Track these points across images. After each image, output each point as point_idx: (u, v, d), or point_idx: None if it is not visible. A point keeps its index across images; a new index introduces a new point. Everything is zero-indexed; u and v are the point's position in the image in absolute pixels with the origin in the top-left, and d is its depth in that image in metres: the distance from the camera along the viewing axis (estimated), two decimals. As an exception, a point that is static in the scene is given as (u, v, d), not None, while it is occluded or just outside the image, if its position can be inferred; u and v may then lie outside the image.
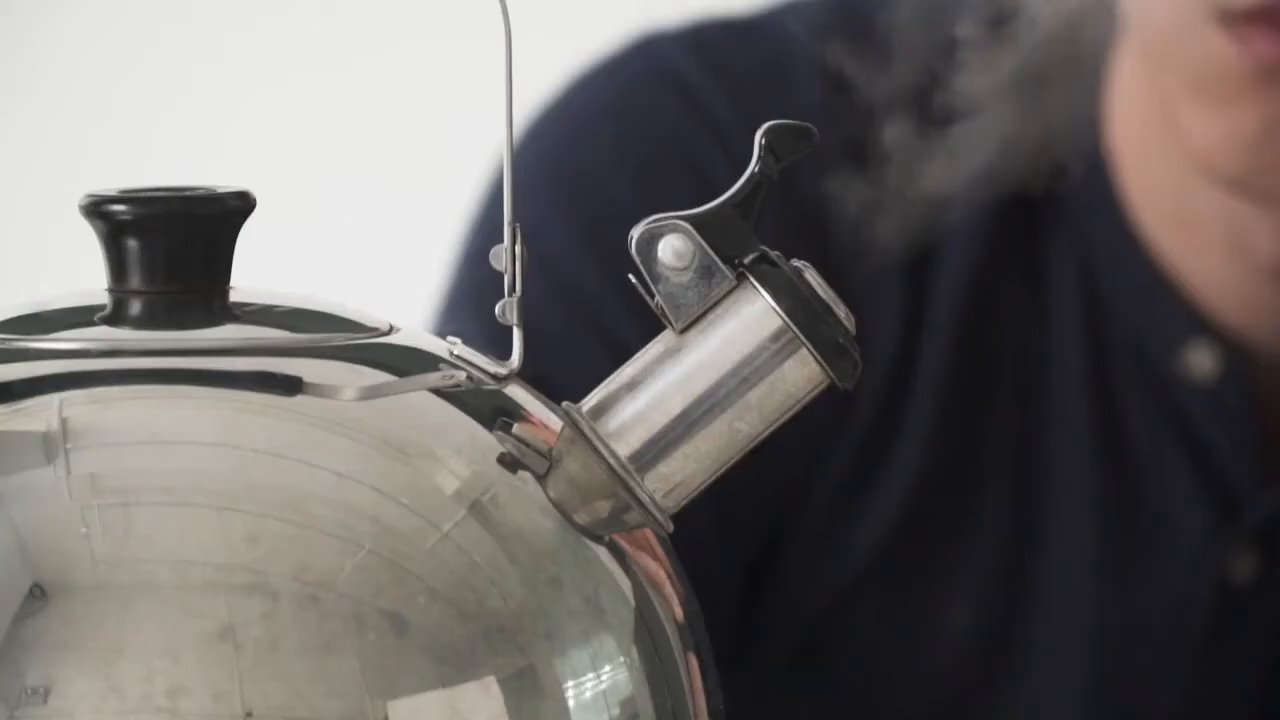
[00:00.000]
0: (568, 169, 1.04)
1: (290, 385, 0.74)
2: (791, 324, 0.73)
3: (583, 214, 0.97)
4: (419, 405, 0.75)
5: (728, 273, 0.73)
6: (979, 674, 1.07)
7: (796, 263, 0.73)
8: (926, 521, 1.07)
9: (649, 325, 0.75)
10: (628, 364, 0.75)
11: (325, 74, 1.88)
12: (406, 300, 0.84)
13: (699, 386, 0.74)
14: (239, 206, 0.76)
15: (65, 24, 1.47)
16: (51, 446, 0.73)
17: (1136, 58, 1.05)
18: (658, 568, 0.75)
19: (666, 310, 0.74)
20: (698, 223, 0.73)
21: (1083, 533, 1.07)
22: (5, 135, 1.80)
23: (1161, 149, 1.05)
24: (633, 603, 0.74)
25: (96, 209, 0.76)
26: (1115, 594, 1.07)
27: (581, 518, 0.74)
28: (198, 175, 0.79)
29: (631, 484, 0.74)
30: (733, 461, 0.75)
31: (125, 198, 0.76)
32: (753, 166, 0.73)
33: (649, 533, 0.75)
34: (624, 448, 0.74)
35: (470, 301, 1.02)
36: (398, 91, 1.62)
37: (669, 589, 0.75)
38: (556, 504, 0.74)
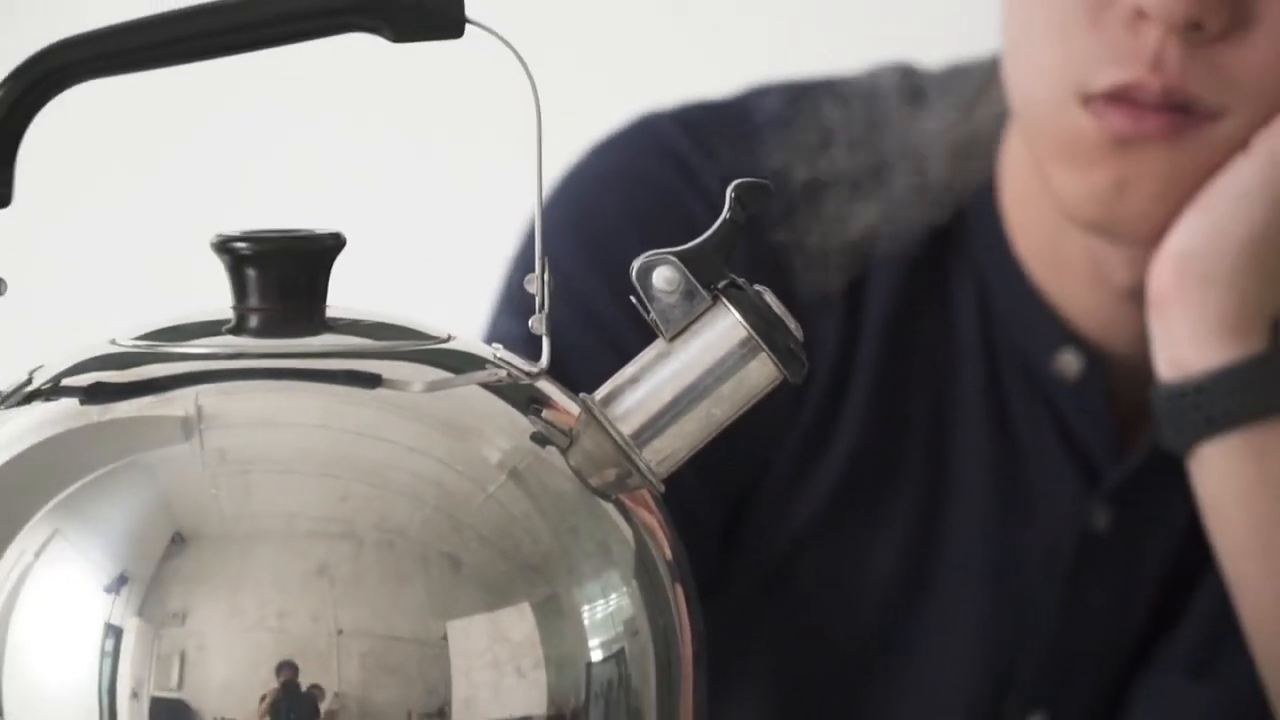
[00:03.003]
0: (586, 219, 1.03)
1: (371, 380, 0.74)
2: (754, 334, 0.73)
3: (597, 253, 0.96)
4: (470, 396, 0.75)
5: (706, 295, 0.73)
6: (899, 604, 1.06)
7: (758, 288, 0.73)
8: (859, 487, 1.06)
9: (646, 335, 0.75)
10: (629, 364, 0.75)
11: (394, 141, 1.87)
12: (461, 315, 0.84)
13: (684, 381, 0.74)
14: (333, 244, 0.76)
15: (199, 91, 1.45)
16: (189, 428, 0.73)
17: (1020, 130, 1.05)
18: (653, 519, 0.75)
19: (659, 323, 0.74)
20: (683, 257, 0.73)
21: (980, 495, 1.06)
22: (139, 185, 1.79)
23: (1038, 200, 1.04)
24: (633, 546, 0.74)
25: (225, 246, 0.76)
26: (1004, 543, 1.06)
27: (594, 481, 0.74)
28: (298, 215, 0.79)
29: (633, 455, 0.74)
30: (710, 438, 0.75)
31: (246, 237, 0.76)
32: (725, 214, 0.73)
33: (646, 492, 0.75)
34: (627, 428, 0.74)
35: (511, 317, 1.02)
36: (454, 156, 1.61)
37: (661, 535, 0.75)
38: (575, 471, 0.74)
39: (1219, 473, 1.00)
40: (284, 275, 0.76)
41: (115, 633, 0.70)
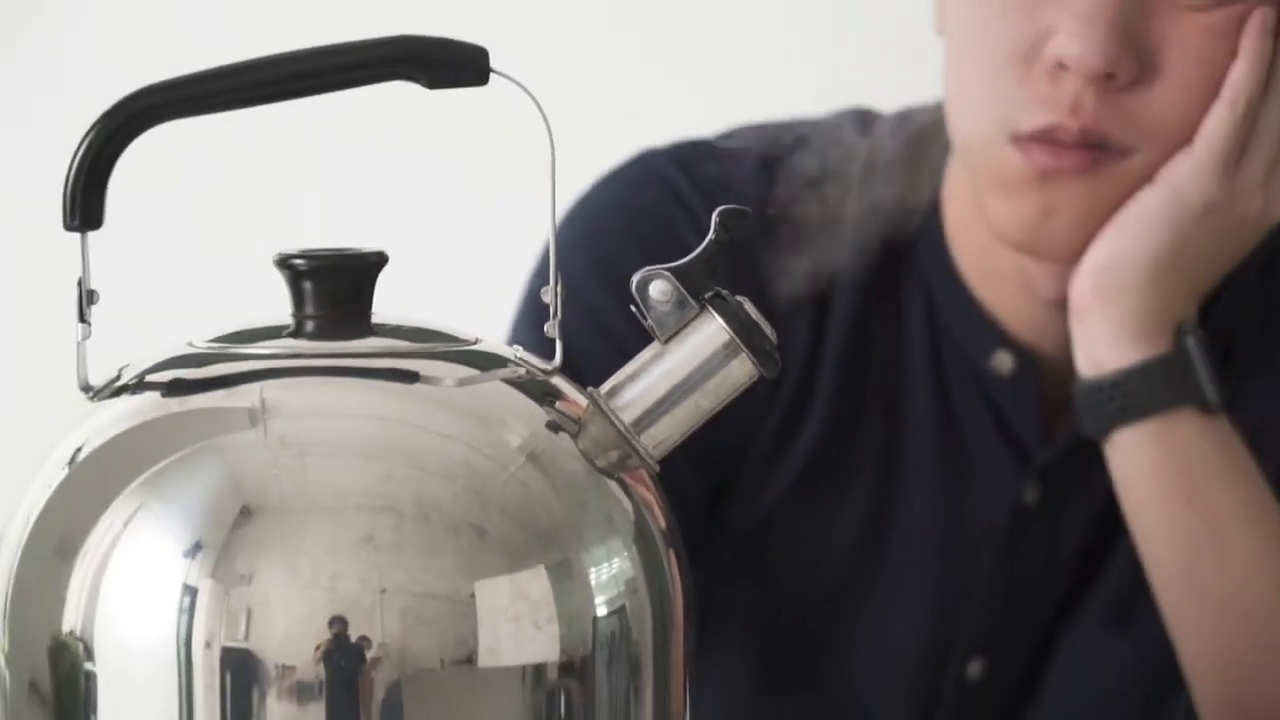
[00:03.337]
0: (594, 240, 1.03)
1: (410, 377, 0.74)
2: (735, 338, 0.73)
3: (603, 269, 0.96)
4: (494, 390, 0.74)
5: (695, 304, 0.73)
6: (858, 566, 1.06)
7: (739, 298, 0.73)
8: (824, 468, 1.06)
9: (644, 338, 0.74)
10: (630, 363, 0.75)
11: (431, 172, 1.87)
12: (487, 322, 0.84)
13: (676, 378, 0.74)
14: (377, 261, 0.76)
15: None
16: (254, 417, 0.73)
17: (960, 164, 1.05)
18: (649, 494, 0.75)
19: (655, 328, 0.74)
20: (675, 272, 0.73)
21: (927, 474, 1.06)
22: (209, 209, 1.79)
23: (976, 224, 1.04)
24: (633, 517, 0.74)
25: (285, 262, 0.75)
26: (948, 515, 1.06)
27: (600, 463, 0.73)
28: (349, 234, 0.79)
29: (633, 441, 0.73)
30: (698, 426, 0.74)
31: (304, 255, 0.75)
32: (710, 235, 0.73)
33: (644, 472, 0.74)
34: (627, 417, 0.74)
35: (530, 323, 1.02)
36: (480, 185, 1.61)
37: (656, 508, 0.75)
38: (584, 454, 0.73)
39: (1131, 455, 1.00)
40: (335, 287, 0.76)
41: (191, 592, 0.70)
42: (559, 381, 0.76)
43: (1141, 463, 0.99)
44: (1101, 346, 1.00)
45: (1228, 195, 0.98)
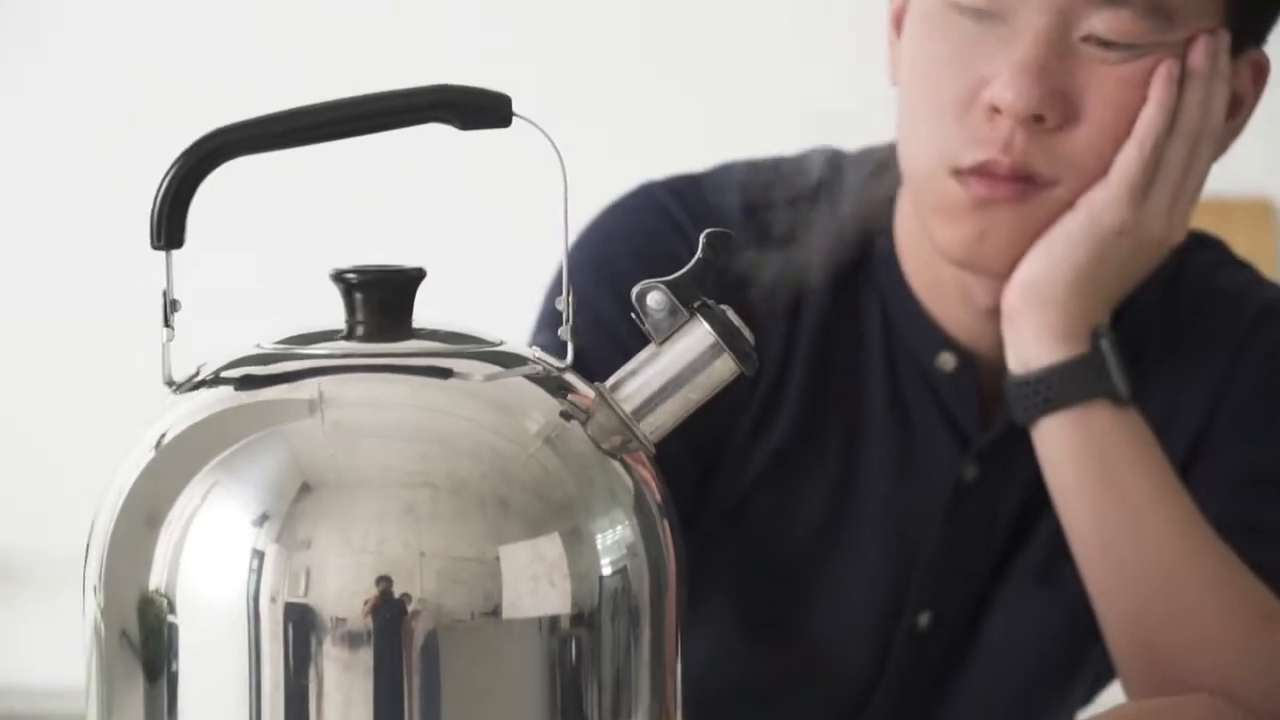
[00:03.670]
0: (601, 258, 1.02)
1: (444, 373, 0.74)
2: (720, 340, 0.73)
3: (609, 283, 0.95)
4: (516, 384, 0.74)
5: (685, 312, 0.73)
6: (824, 534, 1.06)
7: (723, 307, 0.73)
8: (794, 451, 1.05)
9: (643, 340, 0.74)
10: (630, 362, 0.74)
11: (463, 199, 1.88)
12: (510, 327, 0.84)
13: (669, 374, 0.74)
14: (417, 275, 0.76)
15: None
16: (312, 407, 0.72)
17: (909, 193, 1.04)
18: (647, 473, 0.74)
19: (652, 332, 0.73)
20: (669, 284, 0.73)
21: (882, 456, 1.05)
22: (276, 231, 1.79)
23: (923, 244, 1.03)
24: (633, 492, 0.73)
25: (339, 276, 0.75)
26: (900, 490, 1.05)
27: (605, 446, 0.73)
28: (393, 252, 0.80)
29: (633, 427, 0.73)
30: (688, 415, 0.74)
31: (355, 270, 0.75)
32: (699, 254, 0.73)
33: (642, 454, 0.74)
34: (628, 407, 0.73)
35: (546, 328, 1.02)
36: (504, 212, 1.62)
37: (653, 484, 0.75)
38: (591, 438, 0.73)
39: (1054, 440, 1.00)
40: (382, 297, 0.76)
41: (259, 555, 0.70)
42: (570, 377, 0.76)
43: (1063, 446, 0.99)
44: (1029, 347, 0.99)
45: (1137, 220, 0.98)
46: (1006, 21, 0.96)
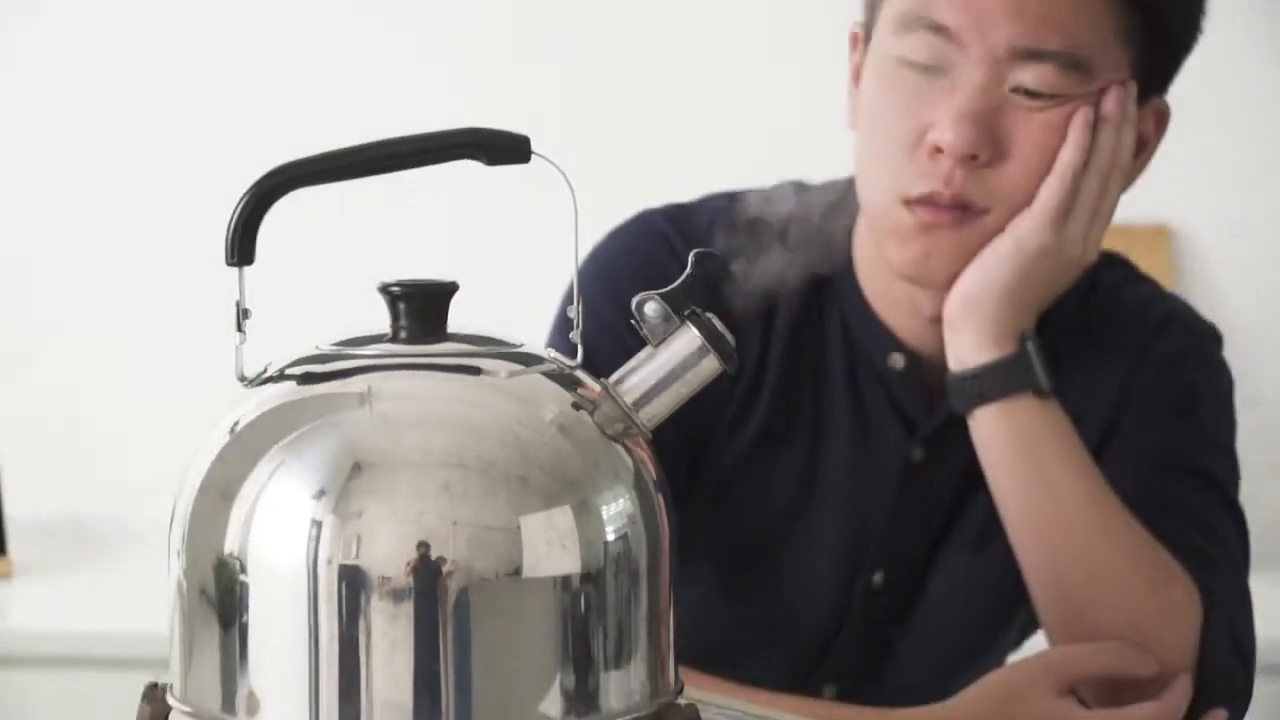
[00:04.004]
0: (607, 275, 1.02)
1: (474, 370, 0.74)
2: (707, 343, 0.73)
3: (613, 294, 0.94)
4: (535, 380, 0.74)
5: (677, 319, 0.73)
6: (794, 508, 1.05)
7: (709, 315, 0.73)
8: (769, 437, 1.05)
9: (641, 343, 0.74)
10: (631, 361, 0.74)
11: (490, 223, 1.87)
12: (530, 332, 0.84)
13: (664, 371, 0.74)
14: (451, 288, 0.76)
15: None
16: (362, 399, 0.72)
17: (865, 219, 1.04)
18: (645, 454, 0.74)
19: (649, 336, 0.73)
20: (663, 295, 0.73)
21: (843, 441, 1.05)
22: (335, 250, 1.79)
23: (877, 262, 1.03)
24: (633, 471, 0.73)
25: (385, 288, 0.75)
26: (858, 470, 1.05)
27: (609, 432, 0.73)
28: (430, 267, 0.80)
29: (633, 416, 0.73)
30: (679, 406, 0.74)
31: (398, 283, 0.75)
32: (689, 270, 0.73)
33: (641, 439, 0.74)
34: (629, 399, 0.73)
35: (560, 332, 1.02)
36: (524, 235, 1.61)
37: (650, 465, 0.74)
38: (598, 425, 0.73)
39: (987, 427, 0.99)
40: (421, 306, 0.76)
41: (317, 524, 0.70)
42: (580, 374, 0.75)
43: (994, 432, 0.99)
44: (966, 350, 0.99)
45: (1057, 243, 0.98)
46: (947, 75, 0.96)
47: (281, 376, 0.74)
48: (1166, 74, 1.00)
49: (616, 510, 0.72)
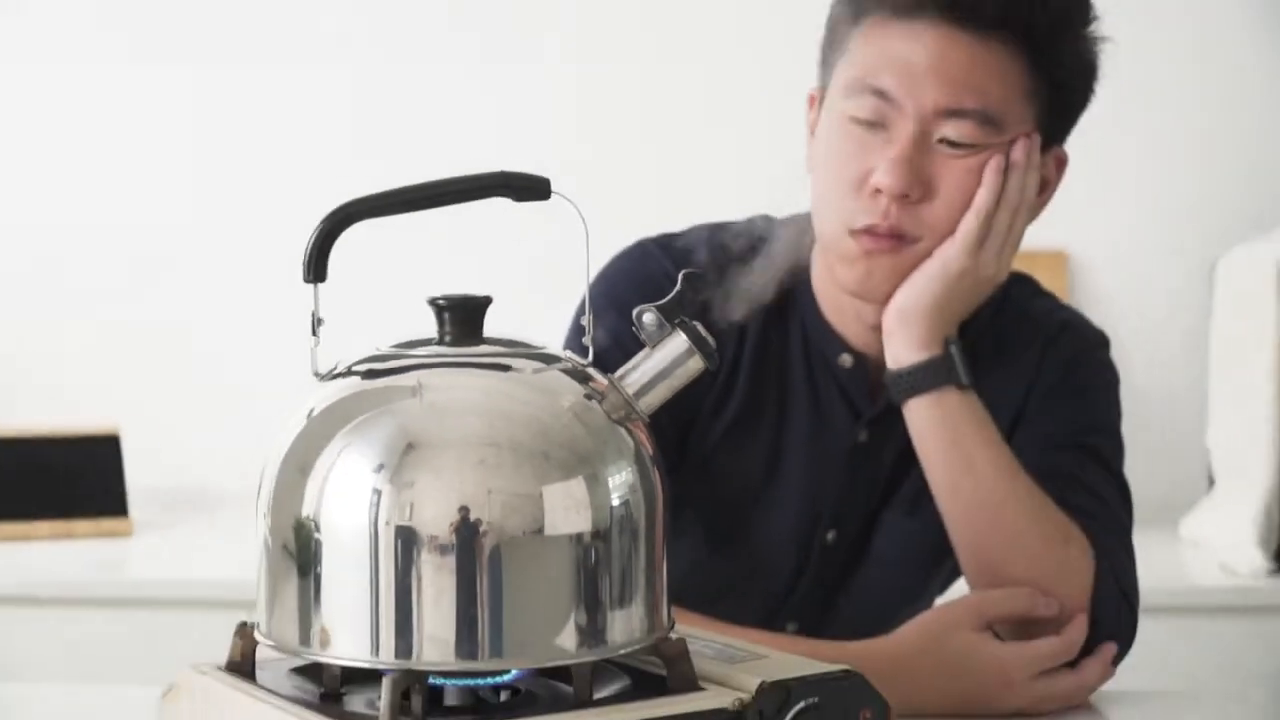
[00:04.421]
0: (613, 290, 1.01)
1: (505, 368, 0.74)
2: (693, 345, 0.73)
3: (618, 306, 0.93)
4: (555, 375, 0.74)
5: (670, 327, 0.73)
6: (763, 479, 1.04)
7: (695, 323, 0.73)
8: (743, 422, 1.04)
9: (640, 346, 0.74)
10: (631, 360, 0.74)
11: (517, 245, 1.86)
12: (549, 336, 0.84)
13: (658, 369, 0.74)
14: (486, 301, 0.76)
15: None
16: (415, 391, 0.72)
17: (820, 245, 1.03)
18: (643, 435, 0.74)
19: (646, 340, 0.73)
20: (658, 307, 0.73)
21: (803, 426, 1.04)
22: (388, 267, 1.78)
23: (828, 280, 1.02)
24: (634, 448, 0.73)
25: (433, 301, 0.75)
26: (815, 448, 1.04)
27: (614, 417, 0.73)
28: (468, 282, 0.80)
29: (634, 404, 0.73)
30: (671, 397, 0.74)
31: (444, 297, 0.75)
32: (678, 287, 0.73)
33: (641, 423, 0.74)
34: (630, 391, 0.73)
35: (574, 336, 1.01)
36: (544, 257, 1.60)
37: (647, 443, 0.74)
38: (606, 412, 0.73)
39: (918, 414, 0.99)
40: (462, 316, 0.76)
41: (377, 493, 0.70)
42: (591, 371, 0.75)
43: (924, 419, 0.99)
44: (900, 352, 0.99)
45: (975, 266, 0.97)
46: (886, 130, 0.96)
47: (348, 372, 0.74)
48: (1065, 128, 1.00)
49: (620, 480, 0.72)
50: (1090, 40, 0.97)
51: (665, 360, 0.74)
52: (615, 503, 0.71)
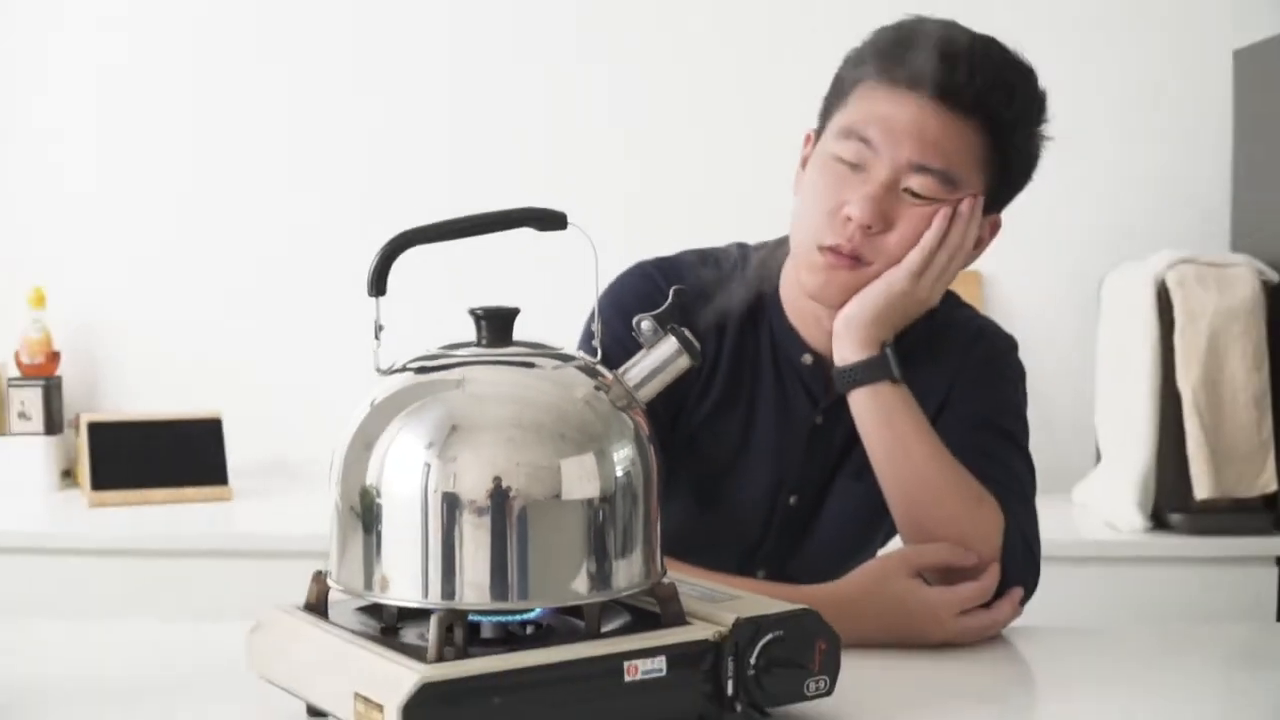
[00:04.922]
0: (618, 302, 1.00)
1: (530, 364, 0.73)
2: (681, 347, 0.73)
3: (621, 315, 0.93)
4: (570, 371, 0.73)
5: (663, 331, 0.73)
6: (738, 452, 1.04)
7: (684, 328, 0.73)
8: (722, 408, 1.03)
9: (639, 347, 0.74)
10: (632, 359, 0.74)
11: (541, 264, 1.85)
12: (564, 339, 0.83)
13: (653, 366, 0.73)
14: (514, 311, 0.75)
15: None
16: (459, 383, 0.72)
17: (792, 259, 1.02)
18: (641, 420, 0.74)
19: (644, 343, 0.73)
20: (654, 316, 0.73)
21: (770, 412, 1.03)
22: (430, 281, 1.77)
23: (795, 289, 1.02)
24: (634, 429, 0.73)
25: (473, 311, 0.75)
26: (780, 430, 1.03)
27: (618, 405, 0.72)
28: (502, 294, 0.79)
29: (633, 395, 0.73)
30: (664, 388, 0.74)
31: (481, 308, 0.75)
32: (670, 300, 0.73)
33: (639, 410, 0.74)
34: (631, 384, 0.73)
35: (585, 339, 1.00)
36: (559, 273, 1.59)
37: (645, 426, 0.74)
38: (611, 401, 0.72)
39: (860, 403, 0.99)
40: (496, 323, 0.75)
41: (427, 465, 0.70)
42: (599, 367, 0.75)
43: (864, 407, 0.98)
44: (845, 351, 0.99)
45: (912, 290, 0.97)
46: (865, 171, 0.96)
47: (404, 369, 0.74)
48: (1005, 199, 1.00)
49: (623, 455, 0.72)
50: (1039, 136, 0.98)
51: (659, 359, 0.74)
52: (619, 474, 0.71)
